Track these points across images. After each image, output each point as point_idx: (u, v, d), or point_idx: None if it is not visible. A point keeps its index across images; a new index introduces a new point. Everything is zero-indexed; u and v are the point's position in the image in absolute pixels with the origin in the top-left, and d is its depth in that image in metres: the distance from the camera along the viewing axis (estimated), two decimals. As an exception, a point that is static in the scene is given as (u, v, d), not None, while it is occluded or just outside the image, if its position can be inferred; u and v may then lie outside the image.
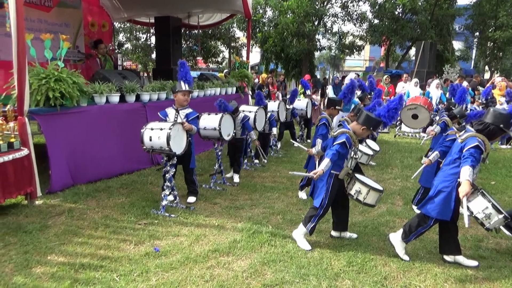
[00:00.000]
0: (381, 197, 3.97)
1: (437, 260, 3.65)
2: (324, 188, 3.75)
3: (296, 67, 21.46)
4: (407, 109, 9.78)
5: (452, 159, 3.45)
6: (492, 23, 21.63)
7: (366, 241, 4.04)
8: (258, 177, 6.39)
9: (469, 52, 24.65)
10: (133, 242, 3.85)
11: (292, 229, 4.28)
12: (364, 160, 5.84)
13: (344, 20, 21.72)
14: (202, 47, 21.73)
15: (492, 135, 3.38)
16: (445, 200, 3.42)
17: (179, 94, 4.94)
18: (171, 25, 9.56)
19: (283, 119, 7.93)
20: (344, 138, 3.63)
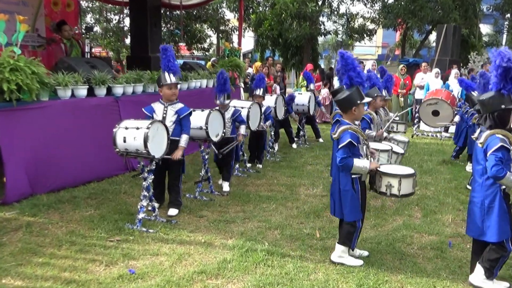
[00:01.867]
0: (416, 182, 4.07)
1: (462, 281, 3.69)
2: (351, 198, 3.82)
3: (296, 55, 21.51)
4: (426, 104, 9.94)
5: (483, 168, 3.48)
6: (525, 3, 21.83)
7: (379, 259, 4.07)
8: (252, 185, 6.40)
9: (498, 37, 24.87)
10: (103, 262, 3.83)
11: (293, 246, 4.30)
12: (402, 148, 5.95)
13: (353, 0, 21.85)
14: (186, 31, 21.73)
15: (504, 121, 3.41)
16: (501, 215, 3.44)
17: (165, 88, 4.95)
18: (148, 5, 9.56)
19: (281, 117, 7.96)
20: (348, 137, 3.69)
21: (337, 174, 3.87)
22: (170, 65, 4.95)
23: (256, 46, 23.61)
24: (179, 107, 5.00)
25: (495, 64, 3.35)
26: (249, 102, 6.82)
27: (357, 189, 3.84)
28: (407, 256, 4.18)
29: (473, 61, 16.52)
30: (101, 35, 22.95)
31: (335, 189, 3.92)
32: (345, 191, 3.81)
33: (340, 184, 3.84)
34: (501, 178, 3.32)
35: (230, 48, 10.66)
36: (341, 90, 3.95)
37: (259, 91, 7.16)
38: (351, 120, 3.86)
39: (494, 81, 3.42)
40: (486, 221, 3.45)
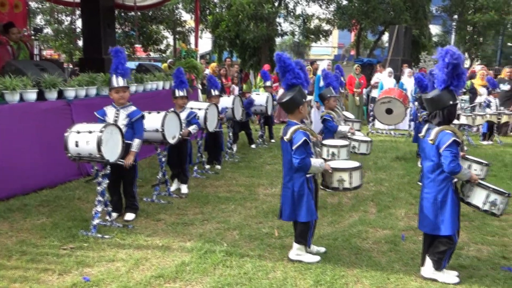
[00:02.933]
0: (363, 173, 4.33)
1: (415, 273, 3.82)
2: (306, 198, 3.86)
3: (254, 55, 21.66)
4: (380, 103, 10.24)
5: (434, 164, 3.60)
6: (471, 5, 22.94)
7: (336, 255, 4.15)
8: (211, 187, 6.39)
9: (447, 37, 26.02)
10: (56, 271, 3.72)
11: (251, 246, 4.33)
12: (365, 149, 6.07)
13: (308, 1, 22.23)
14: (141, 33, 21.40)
15: (452, 116, 3.59)
16: (453, 209, 3.59)
17: (113, 91, 4.86)
18: (101, 6, 9.34)
19: (239, 118, 7.98)
20: (303, 136, 3.74)
21: (289, 175, 3.89)
22: (118, 68, 4.85)
23: (213, 47, 23.58)
24: (131, 110, 4.91)
25: (443, 61, 3.47)
26: (206, 104, 6.80)
27: (312, 188, 3.91)
28: (362, 250, 4.29)
29: (424, 60, 17.18)
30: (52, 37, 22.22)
31: (287, 191, 3.90)
32: (299, 193, 3.84)
33: (294, 186, 3.85)
34: (458, 173, 3.48)
35: (187, 49, 10.58)
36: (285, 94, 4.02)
37: (214, 91, 7.19)
38: (298, 120, 3.91)
39: (442, 78, 3.53)
40: (440, 216, 3.58)
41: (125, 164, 4.65)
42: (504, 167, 7.75)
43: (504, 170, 7.56)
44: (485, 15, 21.13)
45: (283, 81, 4.01)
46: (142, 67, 9.37)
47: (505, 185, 6.60)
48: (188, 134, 5.99)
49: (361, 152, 6.05)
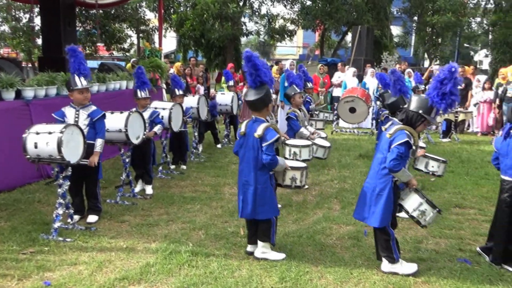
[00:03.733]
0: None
1: (376, 267, 3.93)
2: (269, 195, 3.94)
3: (219, 55, 21.59)
4: (344, 102, 10.43)
5: (384, 157, 3.71)
6: (430, 7, 23.67)
7: (301, 252, 4.22)
8: (176, 187, 6.34)
9: (407, 38, 26.75)
10: (16, 276, 3.61)
11: (217, 245, 4.33)
12: (321, 154, 6.14)
13: (273, 1, 22.36)
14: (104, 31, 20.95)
15: (414, 123, 3.69)
16: (387, 204, 3.70)
17: (76, 92, 4.74)
18: (61, 3, 9.13)
19: (204, 118, 7.96)
20: (275, 134, 3.83)
21: (253, 172, 3.90)
22: (81, 68, 4.74)
23: (178, 47, 23.35)
24: (91, 109, 4.81)
25: (439, 76, 3.60)
26: (170, 103, 6.76)
27: (273, 184, 4.00)
28: (326, 246, 4.37)
29: (385, 60, 17.58)
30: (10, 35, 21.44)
31: (247, 189, 3.92)
32: (263, 189, 3.89)
33: (257, 183, 3.89)
34: (397, 172, 3.60)
35: (151, 48, 10.45)
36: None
37: (178, 91, 7.15)
38: (265, 118, 3.99)
39: (432, 88, 3.66)
40: (372, 207, 3.72)
41: (89, 163, 4.55)
42: (461, 163, 8.06)
43: (461, 166, 7.86)
44: (443, 16, 21.84)
45: (251, 80, 4.03)
46: (105, 66, 9.20)
47: (462, 180, 6.88)
48: (153, 135, 5.93)
49: (317, 156, 6.09)
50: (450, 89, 3.54)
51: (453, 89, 3.55)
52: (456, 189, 6.38)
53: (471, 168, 7.70)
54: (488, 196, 6.04)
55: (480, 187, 6.52)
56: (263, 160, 3.82)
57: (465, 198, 6.01)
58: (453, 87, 3.54)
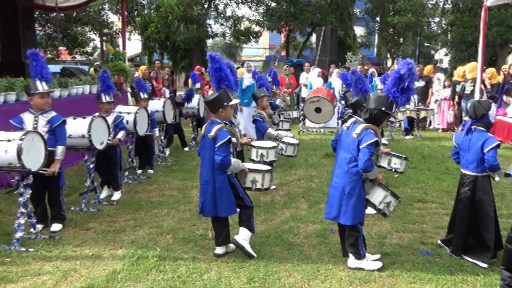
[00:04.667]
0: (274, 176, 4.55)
1: (343, 263, 4.01)
2: (227, 194, 3.97)
3: (185, 57, 21.48)
4: (309, 102, 10.56)
5: (352, 157, 3.78)
6: (390, 8, 24.27)
7: (269, 252, 4.25)
8: (143, 192, 6.27)
9: (370, 38, 27.32)
10: (-25, 290, 3.49)
11: (185, 249, 4.31)
12: (291, 151, 6.20)
13: (238, 3, 22.40)
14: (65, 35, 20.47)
15: (378, 120, 3.80)
16: (359, 202, 3.79)
17: (36, 96, 4.62)
18: (19, 6, 8.86)
19: (170, 121, 7.90)
20: (227, 135, 3.85)
21: (211, 173, 3.96)
22: (43, 72, 4.64)
23: (143, 50, 23.07)
24: (51, 115, 4.69)
25: (397, 71, 3.71)
26: (135, 107, 6.67)
27: (234, 182, 4.05)
28: (294, 245, 4.43)
29: (350, 60, 17.94)
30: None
31: (207, 188, 3.99)
32: (221, 189, 3.94)
33: (215, 183, 3.94)
34: (369, 171, 3.70)
35: (114, 52, 10.29)
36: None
37: (143, 94, 7.08)
38: (222, 120, 4.02)
39: (391, 84, 3.75)
40: (344, 206, 3.79)
41: (48, 172, 4.45)
42: (423, 159, 8.30)
43: (423, 162, 8.10)
44: (403, 17, 22.40)
45: (214, 81, 4.06)
46: (67, 71, 9.02)
47: (424, 175, 7.09)
48: (118, 142, 5.85)
49: (287, 154, 6.22)
50: (408, 84, 3.66)
51: (411, 84, 3.68)
52: (419, 184, 6.58)
53: (432, 163, 7.95)
54: (448, 190, 6.25)
55: (441, 181, 6.74)
56: (215, 161, 3.86)
57: (427, 193, 6.20)
58: (411, 82, 3.67)
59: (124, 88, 9.93)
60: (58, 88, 7.63)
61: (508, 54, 23.33)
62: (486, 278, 3.74)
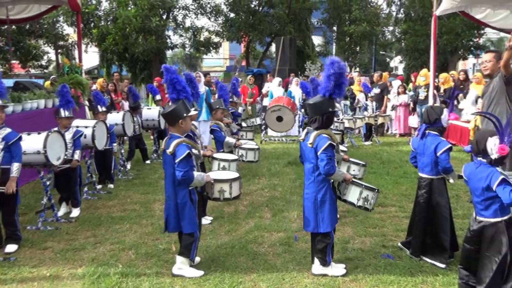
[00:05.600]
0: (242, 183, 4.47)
1: (307, 270, 4.04)
2: (188, 209, 3.88)
3: (145, 69, 21.21)
4: (271, 111, 10.64)
5: (313, 166, 3.85)
6: (346, 17, 24.93)
7: (234, 263, 4.23)
8: (104, 207, 6.11)
9: (328, 47, 27.89)
10: None
11: (148, 264, 4.23)
12: (252, 156, 6.20)
13: (197, 14, 22.38)
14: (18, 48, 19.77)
15: (329, 123, 3.89)
16: (331, 207, 3.84)
17: None
18: (-34, 20, 8.50)
19: (130, 134, 7.77)
20: (186, 150, 3.76)
21: (172, 188, 3.90)
22: (-3, 86, 4.46)
23: (101, 62, 22.62)
24: (6, 132, 4.51)
25: (328, 71, 3.75)
26: (93, 121, 6.52)
27: (195, 199, 3.95)
28: (259, 255, 4.43)
29: (309, 69, 18.21)
30: None
31: (170, 204, 3.93)
32: (183, 204, 3.87)
33: (177, 198, 3.87)
34: (333, 175, 3.76)
35: (70, 64, 10.03)
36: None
37: (101, 107, 6.93)
38: (180, 133, 3.94)
39: (325, 87, 3.79)
40: (320, 214, 3.83)
41: (6, 191, 4.28)
42: (382, 164, 8.52)
43: (382, 167, 8.32)
44: (359, 26, 23.04)
45: (169, 94, 4.01)
46: (20, 85, 8.70)
47: (383, 180, 7.27)
48: (77, 164, 5.70)
49: (249, 160, 6.24)
50: (342, 80, 3.74)
51: (344, 80, 3.76)
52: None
53: (391, 168, 8.17)
54: (407, 193, 6.44)
55: (400, 185, 6.94)
56: (176, 176, 3.80)
57: (386, 197, 6.36)
58: (341, 77, 3.74)
59: (82, 102, 9.69)
60: (11, 103, 7.34)
61: (458, 60, 24.42)
62: (444, 278, 3.87)
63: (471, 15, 8.89)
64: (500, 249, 3.24)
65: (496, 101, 4.80)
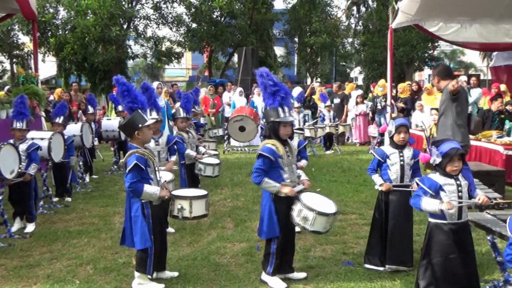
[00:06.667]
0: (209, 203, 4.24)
1: (269, 280, 4.05)
2: (140, 224, 3.75)
3: (105, 79, 20.77)
4: (233, 121, 10.66)
5: None
6: (307, 29, 25.42)
7: (196, 275, 4.19)
8: (60, 221, 5.92)
9: (290, 58, 28.29)
10: None
11: (107, 279, 4.12)
12: (211, 172, 6.11)
13: (158, 24, 22.18)
14: (-30, 57, 18.99)
15: (274, 131, 3.89)
16: (269, 216, 3.87)
17: None
18: None
19: (89, 145, 7.59)
20: (134, 160, 3.68)
21: (128, 200, 3.84)
22: None
23: (59, 72, 22.01)
24: None
25: (259, 83, 3.85)
26: (50, 133, 6.34)
27: (147, 214, 3.79)
28: (221, 266, 4.41)
29: (271, 79, 18.38)
30: None
31: (126, 215, 3.85)
32: (135, 218, 3.75)
33: (131, 211, 3.79)
34: (259, 184, 3.80)
35: (25, 74, 9.72)
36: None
37: (58, 119, 6.73)
38: (139, 144, 3.86)
39: (264, 97, 3.93)
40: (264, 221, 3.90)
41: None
42: (343, 173, 8.70)
43: (343, 175, 8.49)
44: (319, 38, 23.53)
45: (124, 106, 3.98)
46: (-30, 96, 8.33)
47: (344, 188, 7.42)
48: (30, 178, 5.49)
49: (206, 175, 6.11)
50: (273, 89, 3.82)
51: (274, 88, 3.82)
52: (339, 197, 6.85)
53: (351, 176, 8.35)
54: (366, 201, 6.58)
55: (360, 193, 7.09)
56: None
57: (347, 204, 6.48)
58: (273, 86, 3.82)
59: (38, 113, 9.38)
60: (-39, 114, 7.04)
61: (415, 71, 25.33)
62: (402, 283, 3.97)
63: (425, 28, 9.22)
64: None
65: (444, 113, 5.06)
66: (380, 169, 4.38)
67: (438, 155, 3.31)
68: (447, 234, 3.30)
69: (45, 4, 18.75)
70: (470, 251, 3.37)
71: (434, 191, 3.31)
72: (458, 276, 3.27)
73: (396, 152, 4.26)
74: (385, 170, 4.31)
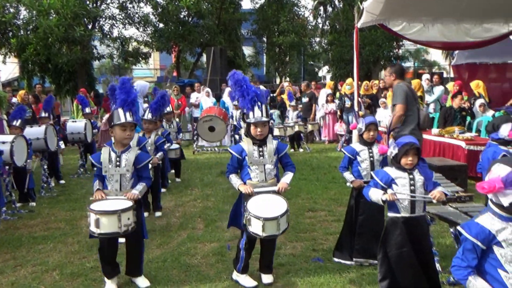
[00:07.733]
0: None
1: (240, 279, 4.05)
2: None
3: (70, 80, 20.32)
4: (202, 121, 10.62)
5: None
6: (275, 28, 25.59)
7: (166, 276, 4.15)
8: (25, 227, 5.74)
9: (259, 57, 28.40)
10: None
11: (74, 284, 4.04)
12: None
13: (124, 24, 21.84)
14: None
15: (249, 131, 3.96)
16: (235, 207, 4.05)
17: None
18: None
19: (53, 148, 7.39)
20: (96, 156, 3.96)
21: None
22: None
23: (21, 73, 21.34)
24: None
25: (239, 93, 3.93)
26: (11, 136, 6.14)
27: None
28: (192, 267, 4.37)
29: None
30: None
31: None
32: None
33: None
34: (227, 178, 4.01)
35: (-15, 76, 9.39)
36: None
37: (16, 122, 6.54)
38: (116, 141, 3.98)
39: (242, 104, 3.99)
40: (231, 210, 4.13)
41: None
42: (312, 171, 8.78)
43: (312, 173, 8.58)
44: (287, 37, 23.76)
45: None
46: None
47: (313, 186, 7.50)
48: None
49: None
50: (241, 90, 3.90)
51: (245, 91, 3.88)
52: (309, 194, 6.93)
53: (320, 174, 8.45)
54: (335, 198, 6.67)
55: (329, 190, 7.18)
56: None
57: (316, 202, 6.55)
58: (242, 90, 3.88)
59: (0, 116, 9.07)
60: None
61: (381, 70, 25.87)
62: (370, 276, 4.05)
63: (389, 28, 9.41)
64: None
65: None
66: (351, 166, 4.46)
67: (395, 147, 3.42)
68: (400, 227, 3.38)
69: (5, 4, 18.11)
70: (425, 244, 3.44)
71: (386, 183, 3.41)
72: (413, 268, 3.35)
73: (365, 149, 4.35)
74: (355, 167, 4.38)
